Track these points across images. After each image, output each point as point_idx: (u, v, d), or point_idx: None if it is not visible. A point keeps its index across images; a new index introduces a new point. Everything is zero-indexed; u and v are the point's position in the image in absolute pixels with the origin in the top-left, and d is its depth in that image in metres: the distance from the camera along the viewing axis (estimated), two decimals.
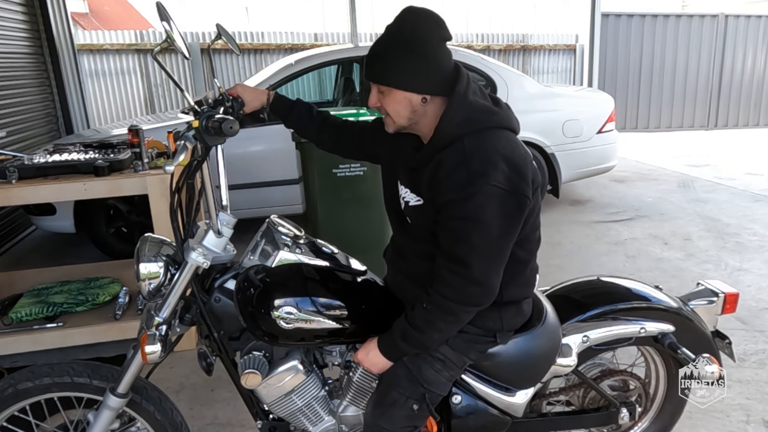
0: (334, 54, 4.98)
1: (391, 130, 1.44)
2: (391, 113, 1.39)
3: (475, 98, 1.37)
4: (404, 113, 1.38)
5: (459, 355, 1.48)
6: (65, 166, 2.71)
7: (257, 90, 1.66)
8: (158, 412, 1.61)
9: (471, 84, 1.39)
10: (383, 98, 1.39)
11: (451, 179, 1.30)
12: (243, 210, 3.99)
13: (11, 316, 2.67)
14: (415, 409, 1.46)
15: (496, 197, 1.27)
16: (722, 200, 5.56)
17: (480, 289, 1.33)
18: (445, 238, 1.34)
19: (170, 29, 1.28)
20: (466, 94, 1.37)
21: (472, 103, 1.36)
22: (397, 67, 1.34)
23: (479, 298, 1.34)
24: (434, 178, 1.34)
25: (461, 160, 1.30)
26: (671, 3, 16.61)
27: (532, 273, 1.53)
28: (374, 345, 1.46)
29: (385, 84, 1.36)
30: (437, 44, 1.36)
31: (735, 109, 10.44)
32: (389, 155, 1.57)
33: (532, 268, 1.51)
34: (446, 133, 1.35)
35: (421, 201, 1.42)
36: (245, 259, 1.53)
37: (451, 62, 1.39)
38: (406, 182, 1.49)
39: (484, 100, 1.39)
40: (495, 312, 1.46)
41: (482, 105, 1.37)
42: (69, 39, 5.81)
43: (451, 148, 1.33)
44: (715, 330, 1.85)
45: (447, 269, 1.33)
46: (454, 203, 1.29)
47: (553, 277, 3.62)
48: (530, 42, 9.63)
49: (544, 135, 4.90)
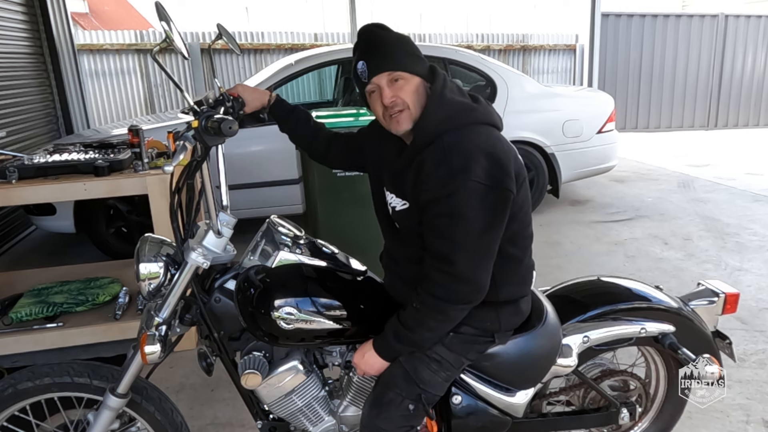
0: (334, 54, 4.98)
1: (407, 126, 1.38)
2: (411, 103, 1.37)
3: (453, 96, 1.38)
4: (421, 100, 1.38)
5: (456, 356, 1.47)
6: (65, 166, 2.71)
7: (258, 90, 1.66)
8: (158, 413, 1.61)
9: (447, 83, 1.40)
10: (401, 89, 1.36)
11: (433, 177, 1.30)
12: (243, 210, 3.99)
13: (11, 316, 2.67)
14: (411, 409, 1.46)
15: (478, 192, 1.27)
16: (722, 200, 5.56)
17: (467, 287, 1.32)
18: (429, 237, 1.34)
19: (169, 29, 1.27)
20: (443, 92, 1.38)
21: (449, 100, 1.37)
22: (408, 55, 1.36)
23: (467, 295, 1.33)
24: (417, 178, 1.34)
25: (442, 158, 1.30)
26: (671, 3, 16.63)
27: (528, 271, 1.52)
28: (370, 347, 1.46)
29: (406, 70, 1.36)
30: None
31: (735, 109, 10.44)
32: (374, 163, 1.57)
33: (527, 266, 1.51)
34: (426, 131, 1.35)
35: (407, 204, 1.41)
36: (245, 260, 1.53)
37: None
38: (391, 188, 1.49)
39: (461, 97, 1.40)
40: (492, 312, 1.46)
41: (459, 102, 1.38)
42: (69, 39, 5.81)
43: (432, 147, 1.34)
44: (716, 330, 1.84)
45: (434, 268, 1.33)
46: (436, 201, 1.29)
47: (552, 276, 3.64)
48: (530, 42, 9.63)
49: (544, 135, 4.90)
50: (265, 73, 4.89)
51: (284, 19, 13.66)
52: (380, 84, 1.37)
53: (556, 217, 5.11)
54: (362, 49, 1.39)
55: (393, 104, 1.37)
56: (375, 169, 1.58)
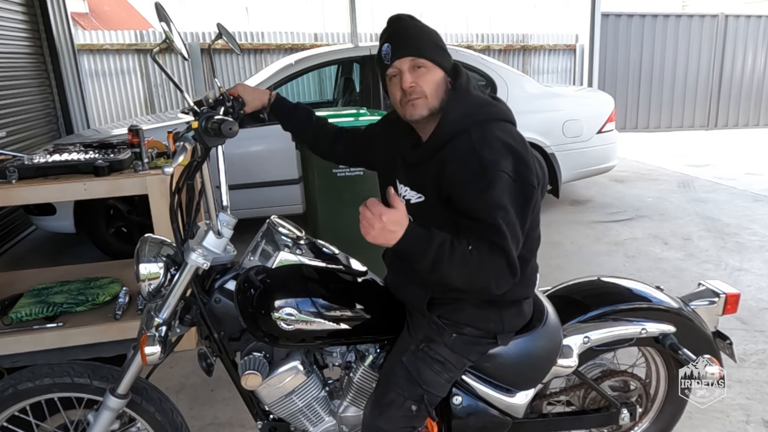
0: (334, 54, 4.97)
1: (423, 112, 1.37)
2: (429, 92, 1.36)
3: (476, 92, 1.40)
4: (440, 93, 1.38)
5: (459, 357, 1.47)
6: (65, 166, 2.71)
7: (258, 90, 1.66)
8: (158, 413, 1.61)
9: (471, 80, 1.42)
10: (420, 76, 1.36)
11: (464, 170, 1.29)
12: (243, 210, 3.99)
13: (11, 316, 2.67)
14: (413, 410, 1.45)
15: (509, 185, 1.27)
16: (722, 200, 5.56)
17: (510, 268, 1.25)
18: (468, 227, 1.27)
19: (169, 30, 1.27)
20: (468, 89, 1.39)
21: (474, 96, 1.38)
22: (434, 46, 1.37)
23: (508, 274, 1.26)
24: (442, 172, 1.33)
25: (471, 151, 1.30)
26: (671, 3, 16.62)
27: (533, 272, 1.52)
28: (403, 217, 1.23)
29: (430, 59, 1.36)
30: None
31: (735, 109, 10.44)
32: (386, 155, 1.57)
33: (532, 267, 1.51)
34: (450, 125, 1.35)
35: (423, 198, 1.41)
36: (245, 260, 1.53)
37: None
38: (405, 180, 1.48)
39: (483, 94, 1.42)
40: (496, 313, 1.46)
41: (483, 98, 1.40)
42: (69, 39, 5.81)
43: (456, 141, 1.33)
44: (716, 330, 1.84)
45: (488, 243, 1.23)
46: (472, 193, 1.27)
47: (553, 276, 3.64)
48: (530, 42, 9.63)
49: (544, 135, 4.90)
50: (265, 73, 4.89)
51: (284, 19, 13.66)
52: (402, 68, 1.36)
53: (556, 217, 5.11)
54: (389, 33, 1.39)
55: (412, 90, 1.36)
56: (385, 163, 1.58)
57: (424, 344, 1.47)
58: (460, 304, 1.45)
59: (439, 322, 1.46)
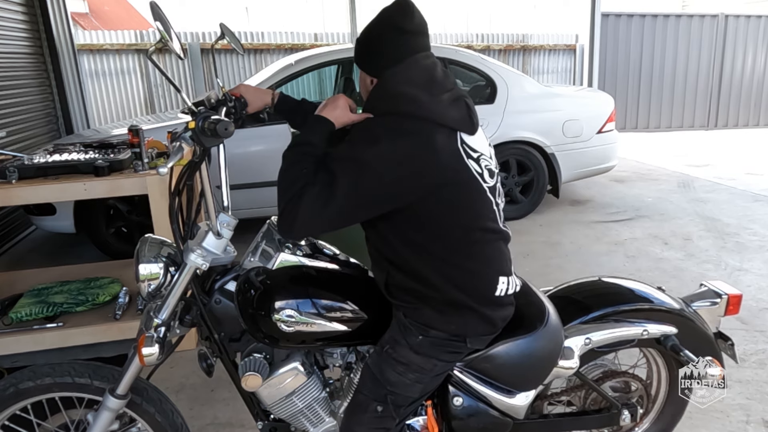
0: (334, 54, 4.97)
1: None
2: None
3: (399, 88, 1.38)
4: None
5: (426, 359, 1.43)
6: (65, 166, 2.70)
7: (260, 90, 1.66)
8: (158, 414, 1.61)
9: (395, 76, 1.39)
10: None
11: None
12: (243, 210, 3.99)
13: (11, 316, 2.66)
14: (379, 411, 1.44)
15: (360, 166, 1.30)
16: (722, 200, 5.56)
17: (287, 216, 1.37)
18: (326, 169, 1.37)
19: (164, 29, 1.26)
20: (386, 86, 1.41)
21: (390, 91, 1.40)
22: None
23: (284, 218, 1.38)
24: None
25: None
26: (671, 3, 16.62)
27: (482, 282, 1.43)
28: (341, 109, 1.45)
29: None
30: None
31: (735, 109, 10.44)
32: None
33: (480, 276, 1.42)
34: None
35: None
36: (246, 261, 1.53)
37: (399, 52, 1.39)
38: None
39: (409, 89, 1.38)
40: (457, 317, 1.42)
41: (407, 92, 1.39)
42: (69, 39, 5.80)
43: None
44: (718, 331, 1.84)
45: (312, 183, 1.36)
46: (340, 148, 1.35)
47: (553, 276, 3.64)
48: (530, 42, 9.63)
49: (544, 135, 4.90)
50: (265, 73, 4.89)
51: (284, 19, 13.67)
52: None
53: (556, 217, 5.11)
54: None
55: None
56: None
57: (388, 346, 1.45)
58: (417, 304, 1.42)
59: (406, 322, 1.44)
